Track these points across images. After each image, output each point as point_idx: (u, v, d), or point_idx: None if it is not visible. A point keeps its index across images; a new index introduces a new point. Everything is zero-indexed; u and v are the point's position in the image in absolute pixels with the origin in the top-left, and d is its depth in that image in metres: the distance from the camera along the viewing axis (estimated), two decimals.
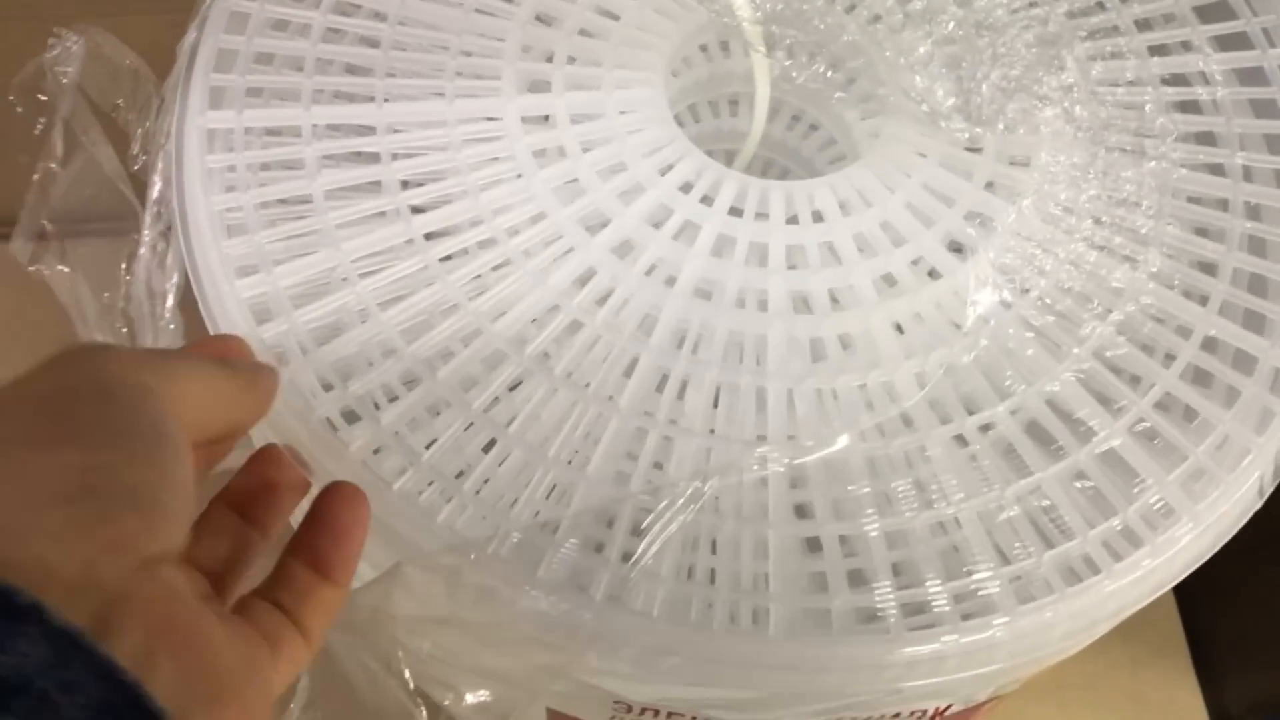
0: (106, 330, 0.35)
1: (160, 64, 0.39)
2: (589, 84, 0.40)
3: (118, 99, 0.37)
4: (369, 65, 0.40)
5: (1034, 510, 0.33)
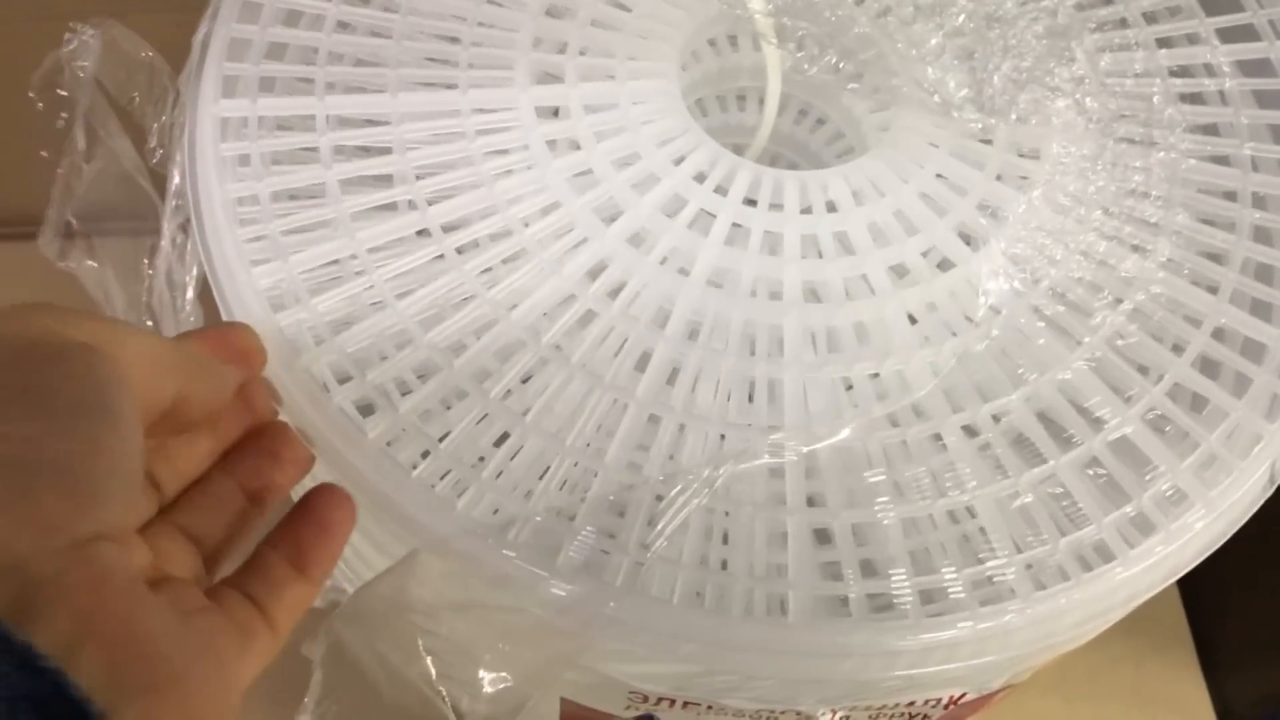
0: (135, 324, 0.35)
1: (168, 63, 0.39)
2: (602, 75, 0.40)
3: (134, 93, 0.37)
4: (381, 57, 0.40)
5: (1047, 498, 0.34)
